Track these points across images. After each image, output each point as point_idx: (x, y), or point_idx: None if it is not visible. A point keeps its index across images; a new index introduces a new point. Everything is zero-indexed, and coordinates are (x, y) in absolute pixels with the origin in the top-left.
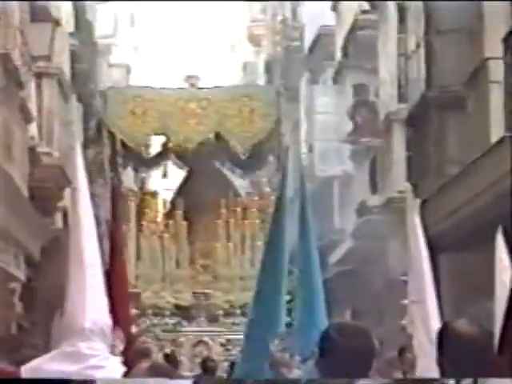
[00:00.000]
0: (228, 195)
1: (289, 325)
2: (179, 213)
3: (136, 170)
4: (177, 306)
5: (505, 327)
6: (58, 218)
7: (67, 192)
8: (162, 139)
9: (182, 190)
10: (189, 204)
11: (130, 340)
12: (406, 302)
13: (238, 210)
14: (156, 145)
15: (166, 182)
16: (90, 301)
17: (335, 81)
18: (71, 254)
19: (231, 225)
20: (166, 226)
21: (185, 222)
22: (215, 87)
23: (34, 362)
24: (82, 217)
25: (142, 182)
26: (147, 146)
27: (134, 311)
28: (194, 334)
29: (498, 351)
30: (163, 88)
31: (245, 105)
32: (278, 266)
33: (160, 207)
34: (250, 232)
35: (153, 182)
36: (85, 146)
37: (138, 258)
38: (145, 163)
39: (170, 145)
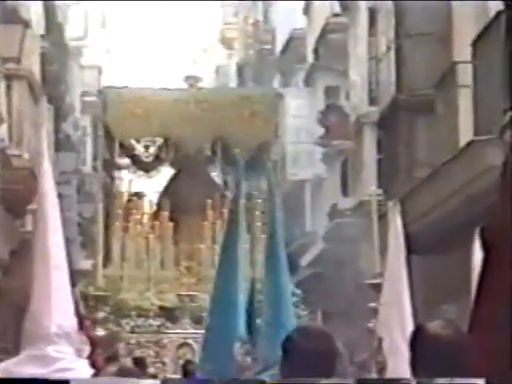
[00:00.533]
0: (214, 197)
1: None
2: (165, 214)
3: (133, 173)
4: (161, 308)
5: (471, 324)
6: (28, 220)
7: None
8: (159, 141)
9: (168, 191)
10: (175, 205)
11: (94, 343)
12: (373, 304)
13: (224, 211)
14: (154, 147)
15: (152, 182)
16: (55, 304)
17: (307, 83)
18: (36, 255)
19: (217, 226)
20: (152, 227)
21: (170, 223)
22: (215, 88)
23: (2, 365)
24: (48, 218)
25: (129, 183)
26: (146, 148)
27: (102, 314)
28: (177, 336)
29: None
30: (163, 89)
31: (245, 107)
32: (232, 268)
33: (146, 208)
34: None
35: (139, 182)
36: (56, 149)
37: (123, 258)
38: (142, 165)
39: (170, 148)
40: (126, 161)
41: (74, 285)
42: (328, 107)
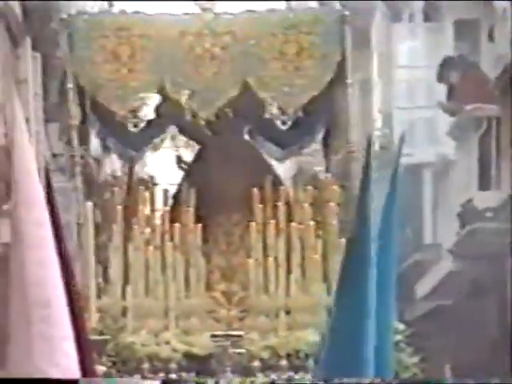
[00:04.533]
0: (264, 184)
1: None
2: (189, 211)
3: (116, 148)
4: (188, 355)
5: None
6: (5, 226)
7: None
8: (158, 99)
9: (191, 177)
10: (203, 197)
11: None
12: None
13: (280, 205)
14: (149, 107)
15: (167, 164)
16: (39, 349)
17: (428, 17)
18: (12, 282)
19: (270, 229)
20: (169, 231)
21: (198, 225)
22: (242, 12)
23: None
24: (26, 225)
25: (131, 164)
26: (136, 110)
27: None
28: None
29: None
30: (162, 14)
31: (289, 41)
32: (361, 284)
33: (159, 203)
34: (299, 240)
35: (148, 164)
36: (46, 118)
37: (127, 280)
38: (131, 137)
39: (172, 108)
40: (106, 130)
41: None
42: (459, 53)
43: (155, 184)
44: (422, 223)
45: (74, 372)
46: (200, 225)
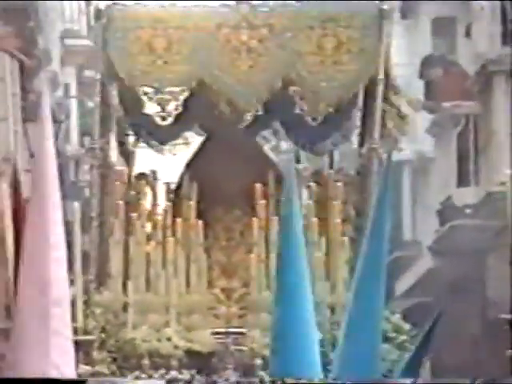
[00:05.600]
0: (266, 178)
1: None
2: (191, 205)
3: (147, 143)
4: (189, 352)
5: None
6: None
7: None
8: (183, 93)
9: (193, 170)
10: (206, 192)
11: None
12: None
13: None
14: (175, 101)
15: (170, 157)
16: (55, 345)
17: (404, 14)
18: (34, 275)
19: (273, 224)
20: (171, 226)
21: (199, 221)
22: (280, 5)
23: None
24: (49, 226)
25: (132, 157)
26: (166, 103)
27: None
28: None
29: None
30: (198, 6)
31: (327, 35)
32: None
33: (161, 197)
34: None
35: (148, 156)
36: (24, 119)
37: (127, 275)
38: (158, 131)
39: (205, 101)
40: (133, 123)
41: None
42: (436, 51)
43: (156, 178)
44: (402, 219)
45: (73, 370)
46: (201, 221)
